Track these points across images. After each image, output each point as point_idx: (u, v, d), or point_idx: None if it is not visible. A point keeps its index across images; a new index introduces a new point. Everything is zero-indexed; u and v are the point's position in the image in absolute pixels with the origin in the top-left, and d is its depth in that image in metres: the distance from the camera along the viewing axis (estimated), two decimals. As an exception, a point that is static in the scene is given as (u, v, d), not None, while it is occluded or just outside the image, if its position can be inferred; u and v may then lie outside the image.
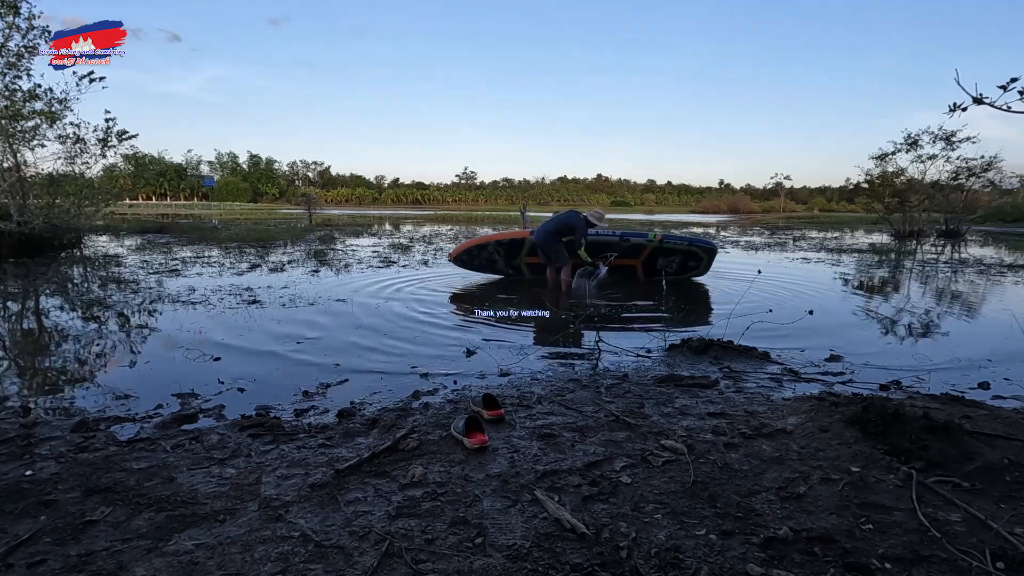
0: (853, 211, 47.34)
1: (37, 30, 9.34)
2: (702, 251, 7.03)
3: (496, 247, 7.05)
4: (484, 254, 7.12)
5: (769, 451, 2.18)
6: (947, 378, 3.34)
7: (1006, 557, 1.50)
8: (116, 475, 1.99)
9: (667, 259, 6.98)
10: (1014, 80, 2.39)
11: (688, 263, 7.05)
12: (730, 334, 3.97)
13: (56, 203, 10.54)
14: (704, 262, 7.07)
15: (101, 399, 2.87)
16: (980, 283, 7.67)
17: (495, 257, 7.10)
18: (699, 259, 7.04)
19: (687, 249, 7.01)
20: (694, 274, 7.17)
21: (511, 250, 7.08)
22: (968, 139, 16.71)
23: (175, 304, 5.39)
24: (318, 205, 32.29)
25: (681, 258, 7.01)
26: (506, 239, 7.09)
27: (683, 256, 7.01)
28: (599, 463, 2.08)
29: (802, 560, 1.51)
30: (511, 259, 7.13)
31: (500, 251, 7.07)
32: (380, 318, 4.89)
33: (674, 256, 7.00)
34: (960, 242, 15.82)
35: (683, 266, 7.05)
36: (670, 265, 6.99)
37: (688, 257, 7.02)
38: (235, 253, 10.42)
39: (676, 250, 6.99)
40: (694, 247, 7.03)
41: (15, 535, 1.61)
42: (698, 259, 7.04)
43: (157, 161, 56.47)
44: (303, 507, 1.78)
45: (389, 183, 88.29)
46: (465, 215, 35.88)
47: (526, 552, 1.54)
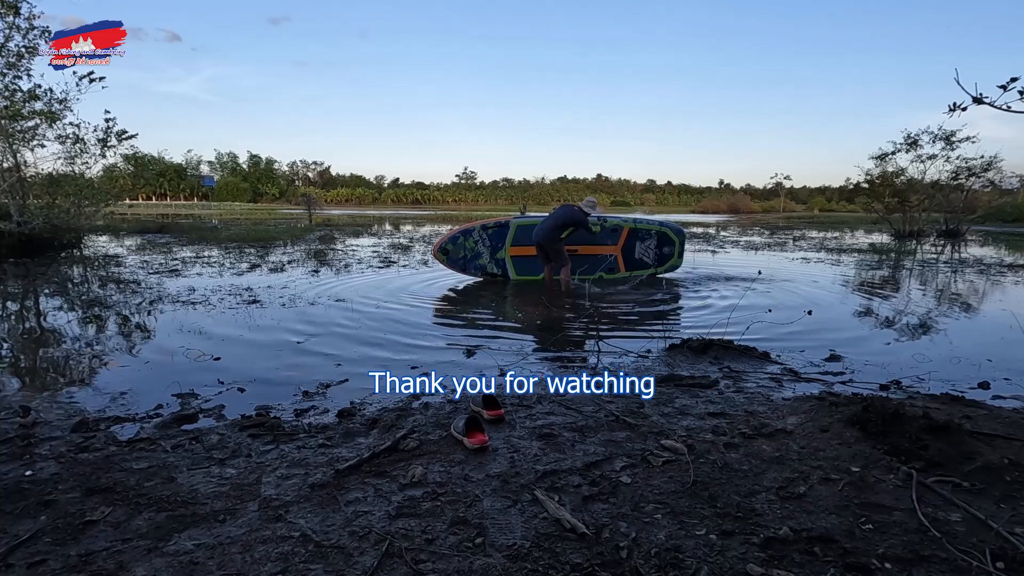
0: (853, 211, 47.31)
1: (37, 30, 9.34)
2: (672, 233, 7.47)
3: (481, 232, 7.02)
4: (468, 242, 7.05)
5: (769, 451, 2.18)
6: (947, 378, 3.35)
7: (1006, 557, 1.50)
8: (116, 475, 1.99)
9: (644, 244, 7.39)
10: (1014, 80, 2.39)
11: (663, 249, 7.45)
12: (730, 334, 3.97)
13: (56, 203, 10.54)
14: (677, 246, 7.51)
15: (101, 399, 2.87)
16: (980, 283, 7.67)
17: (480, 249, 7.04)
18: (672, 242, 7.46)
19: (659, 230, 7.45)
20: (671, 263, 7.53)
21: (496, 236, 7.03)
22: (968, 139, 16.73)
23: (175, 304, 5.39)
24: (318, 205, 32.32)
25: (656, 243, 7.42)
26: (491, 223, 7.09)
27: (657, 240, 7.42)
28: (599, 463, 2.08)
29: (802, 560, 1.51)
30: (496, 251, 7.07)
31: (485, 238, 7.02)
32: (380, 318, 4.89)
33: (649, 240, 7.40)
34: (960, 242, 15.82)
35: (660, 253, 7.45)
36: (647, 252, 7.40)
37: (662, 242, 7.43)
38: (235, 253, 10.42)
39: (649, 232, 7.42)
40: (665, 228, 7.49)
41: (15, 535, 1.61)
42: (671, 242, 7.46)
43: (157, 161, 56.40)
44: (303, 507, 1.78)
45: (389, 183, 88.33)
46: (465, 215, 35.87)
47: (526, 552, 1.54)
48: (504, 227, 7.00)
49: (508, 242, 7.02)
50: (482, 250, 7.04)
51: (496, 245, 7.04)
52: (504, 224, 7.01)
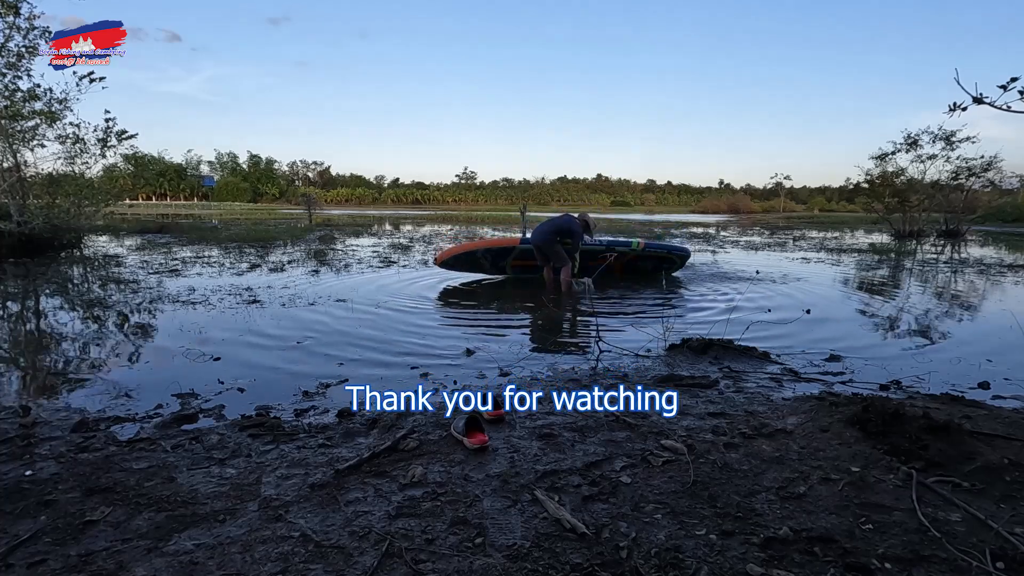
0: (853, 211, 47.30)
1: (37, 30, 9.33)
2: (678, 257, 7.56)
3: (484, 254, 7.08)
4: (471, 260, 7.14)
5: (769, 451, 2.18)
6: (947, 378, 3.35)
7: (1006, 557, 1.50)
8: (116, 475, 1.99)
9: (645, 263, 7.42)
10: (1014, 80, 2.39)
11: (663, 265, 7.48)
12: (730, 334, 3.97)
13: (56, 203, 10.54)
14: (677, 264, 7.61)
15: (101, 399, 2.87)
16: (980, 283, 7.67)
17: (482, 262, 7.12)
18: (673, 262, 7.55)
19: (666, 256, 7.50)
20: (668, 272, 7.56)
21: (498, 257, 7.10)
22: (968, 139, 16.75)
23: (175, 304, 5.39)
24: (318, 205, 32.30)
25: (657, 261, 7.45)
26: (495, 247, 7.14)
27: (659, 260, 7.46)
28: (599, 463, 2.08)
29: (802, 560, 1.51)
30: (497, 264, 7.16)
31: (488, 257, 7.09)
32: (380, 318, 4.89)
33: (654, 261, 7.43)
34: (960, 242, 15.82)
35: (657, 267, 7.45)
36: (647, 266, 7.44)
37: (663, 260, 7.48)
38: (235, 253, 10.42)
39: (655, 257, 7.43)
40: (672, 254, 7.54)
41: (15, 535, 1.61)
42: (673, 263, 7.56)
43: (157, 161, 56.36)
44: (303, 507, 1.78)
45: (389, 183, 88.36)
46: (465, 215, 35.89)
47: (526, 552, 1.54)
48: (508, 251, 7.05)
49: (511, 259, 7.10)
50: (484, 264, 7.13)
51: (498, 262, 7.13)
52: (508, 250, 7.05)
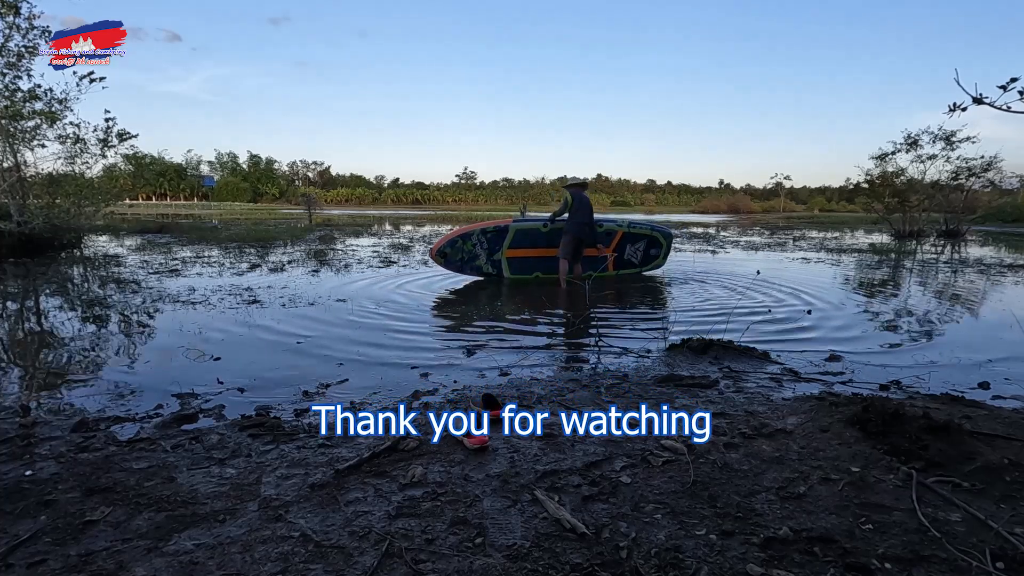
0: (853, 211, 47.33)
1: (37, 30, 9.33)
2: (662, 236, 7.83)
3: (480, 236, 7.02)
4: (467, 245, 7.05)
5: (769, 451, 2.18)
6: (947, 378, 3.35)
7: (1006, 557, 1.50)
8: (116, 475, 1.99)
9: (634, 246, 7.71)
10: (1014, 80, 2.39)
11: (651, 251, 7.80)
12: (730, 334, 3.97)
13: (56, 203, 10.53)
14: (664, 249, 7.89)
15: (101, 399, 2.87)
16: (980, 283, 7.67)
17: (477, 251, 7.05)
18: (660, 245, 7.83)
19: (650, 235, 7.76)
20: (656, 263, 7.91)
21: (495, 240, 7.05)
22: (968, 139, 16.74)
23: (175, 304, 5.39)
24: (318, 205, 32.31)
25: (645, 245, 7.74)
26: (490, 227, 7.09)
27: (647, 243, 7.74)
28: (599, 463, 2.08)
29: (802, 560, 1.51)
30: (493, 253, 7.08)
31: (483, 241, 7.03)
32: (380, 318, 4.89)
33: (640, 243, 7.71)
34: (960, 242, 15.82)
35: (647, 254, 7.79)
36: (636, 254, 7.74)
37: (651, 244, 7.77)
38: (235, 253, 10.42)
39: (641, 235, 7.71)
40: (656, 232, 7.82)
41: (15, 535, 1.61)
42: (659, 245, 7.82)
43: (157, 161, 56.37)
44: (303, 507, 1.78)
45: (389, 183, 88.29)
46: (465, 215, 35.88)
47: (526, 552, 1.54)
48: (503, 231, 7.02)
49: (506, 245, 7.05)
50: (479, 252, 7.06)
51: (494, 248, 7.07)
52: (503, 228, 7.03)
